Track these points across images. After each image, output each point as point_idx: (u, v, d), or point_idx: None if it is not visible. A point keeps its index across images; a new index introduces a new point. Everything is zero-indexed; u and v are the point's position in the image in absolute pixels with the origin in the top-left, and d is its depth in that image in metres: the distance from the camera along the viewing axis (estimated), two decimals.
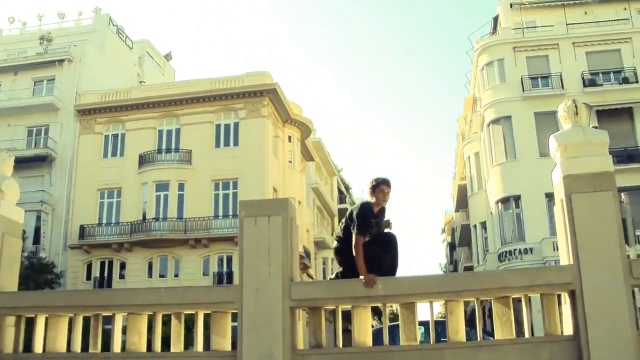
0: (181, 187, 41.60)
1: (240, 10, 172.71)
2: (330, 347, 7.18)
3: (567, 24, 40.60)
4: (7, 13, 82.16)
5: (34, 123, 45.28)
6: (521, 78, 39.56)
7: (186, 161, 42.23)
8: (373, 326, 7.80)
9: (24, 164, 36.49)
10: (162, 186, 41.45)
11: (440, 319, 9.69)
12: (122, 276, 40.96)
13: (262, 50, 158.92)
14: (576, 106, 7.08)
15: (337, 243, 7.57)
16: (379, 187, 7.25)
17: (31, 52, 48.18)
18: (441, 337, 7.31)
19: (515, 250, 37.03)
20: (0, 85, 46.85)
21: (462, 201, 51.55)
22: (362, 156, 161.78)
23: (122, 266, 41.37)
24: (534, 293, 6.90)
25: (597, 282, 6.44)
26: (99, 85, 45.83)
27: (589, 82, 39.09)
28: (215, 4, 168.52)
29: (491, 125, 40.61)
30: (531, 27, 42.68)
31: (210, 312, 7.29)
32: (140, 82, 53.07)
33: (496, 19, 46.06)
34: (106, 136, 44.54)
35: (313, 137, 54.22)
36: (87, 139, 44.11)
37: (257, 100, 42.88)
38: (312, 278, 46.67)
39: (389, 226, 7.69)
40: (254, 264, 6.97)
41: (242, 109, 42.91)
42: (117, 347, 7.47)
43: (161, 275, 40.68)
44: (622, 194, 17.70)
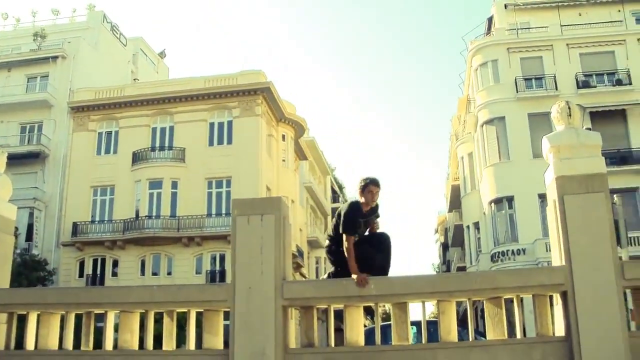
0: (174, 185, 41.56)
1: (240, 10, 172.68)
2: (322, 346, 7.18)
3: (561, 26, 40.70)
4: (1, 9, 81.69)
5: (27, 120, 45.17)
6: (515, 79, 39.64)
7: (180, 159, 42.19)
8: (365, 326, 7.81)
9: (16, 160, 36.37)
10: (156, 184, 41.41)
11: (432, 319, 9.69)
12: (114, 274, 40.90)
13: (262, 50, 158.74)
14: (569, 107, 7.10)
15: (329, 242, 7.58)
16: (368, 188, 7.26)
17: (25, 49, 48.00)
18: (433, 337, 7.31)
19: (508, 251, 37.11)
20: None
21: (456, 201, 51.63)
22: (356, 156, 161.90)
23: (115, 264, 41.31)
24: (526, 294, 6.92)
25: (589, 284, 6.46)
26: (92, 83, 45.74)
27: (583, 83, 39.20)
28: (215, 4, 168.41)
29: (485, 125, 40.67)
30: (525, 28, 42.76)
31: (202, 310, 7.28)
32: (134, 79, 52.99)
33: (491, 19, 46.16)
34: (100, 133, 44.47)
35: (307, 136, 54.27)
36: (80, 136, 44.02)
37: (251, 99, 42.87)
38: (305, 277, 46.70)
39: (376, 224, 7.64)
40: (246, 263, 6.96)
41: (236, 107, 42.88)
42: (109, 344, 7.46)
43: (154, 273, 40.62)
44: (615, 195, 17.80)
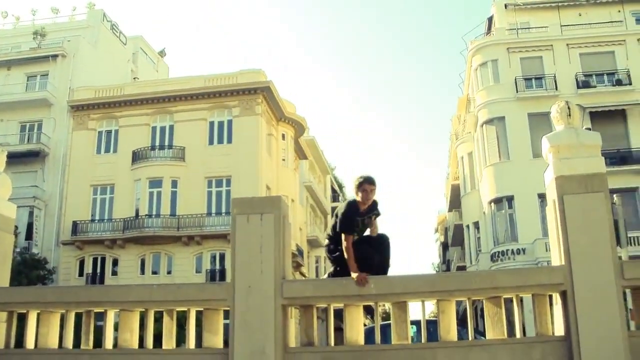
0: (174, 184, 41.57)
1: (240, 10, 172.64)
2: (322, 345, 7.18)
3: (561, 26, 40.70)
4: (1, 7, 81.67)
5: (27, 118, 45.15)
6: (515, 79, 39.64)
7: (179, 158, 42.19)
8: (365, 325, 7.81)
9: (16, 159, 36.40)
10: (155, 183, 41.41)
11: (432, 318, 9.70)
12: (114, 273, 40.92)
13: (262, 50, 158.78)
14: (569, 107, 7.10)
15: (328, 242, 7.57)
16: (362, 187, 7.23)
17: (25, 47, 48.00)
18: (433, 337, 7.32)
19: (507, 250, 37.12)
20: None
21: (455, 201, 51.64)
22: (356, 155, 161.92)
23: (115, 263, 41.33)
24: (526, 293, 6.92)
25: (588, 283, 6.46)
26: (92, 81, 45.73)
27: (583, 83, 39.20)
28: (214, 4, 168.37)
29: (485, 125, 40.67)
30: (525, 28, 42.76)
31: (202, 309, 7.28)
32: (134, 78, 52.99)
33: (491, 19, 46.15)
34: (99, 132, 44.47)
35: (307, 136, 54.25)
36: (80, 134, 44.02)
37: (250, 98, 42.86)
38: (305, 276, 46.71)
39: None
40: (246, 262, 6.96)
41: (235, 106, 42.88)
42: (109, 343, 7.46)
43: (154, 272, 40.63)
44: (614, 195, 17.81)
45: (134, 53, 56.36)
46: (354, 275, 6.84)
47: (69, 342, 7.50)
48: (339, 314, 7.06)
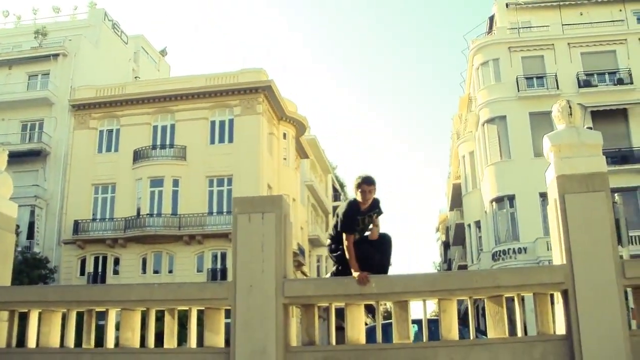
0: (175, 183, 41.56)
1: (240, 10, 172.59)
2: (323, 344, 7.18)
3: (562, 25, 40.66)
4: (2, 7, 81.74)
5: (28, 117, 45.15)
6: (516, 78, 39.62)
7: (181, 157, 42.18)
8: (366, 324, 7.81)
9: (18, 158, 36.42)
10: (157, 182, 41.41)
11: (433, 317, 9.70)
12: (116, 272, 40.93)
13: (262, 49, 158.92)
14: (570, 107, 7.10)
15: (330, 241, 7.58)
16: (361, 187, 7.24)
17: (26, 46, 48.00)
18: (434, 336, 7.32)
19: (509, 249, 37.10)
20: None
21: (457, 200, 51.65)
22: (358, 154, 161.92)
23: (116, 262, 41.34)
24: (527, 292, 6.92)
25: (589, 282, 6.46)
26: (93, 80, 45.74)
27: (584, 82, 39.17)
28: (214, 4, 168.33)
29: (486, 124, 40.66)
30: (527, 27, 42.74)
31: (203, 308, 7.29)
32: (135, 77, 52.97)
33: (492, 18, 46.13)
34: (101, 131, 44.45)
35: (308, 135, 54.22)
36: (81, 134, 44.02)
37: (252, 97, 42.84)
38: (306, 275, 46.73)
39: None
40: (247, 261, 6.96)
41: (237, 105, 42.86)
42: (110, 342, 7.47)
43: (155, 271, 40.62)
44: (616, 194, 17.83)
45: (135, 52, 56.35)
46: (355, 274, 6.85)
47: (70, 342, 7.51)
48: (340, 313, 7.06)
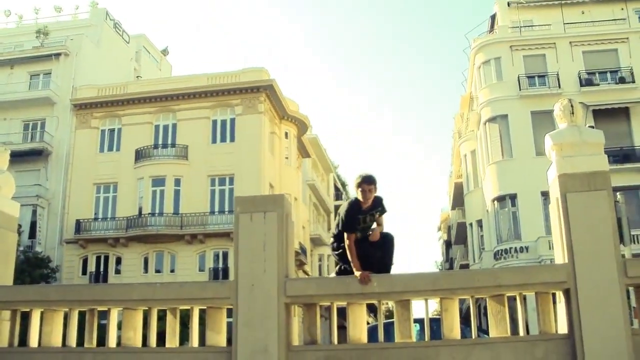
0: (177, 182, 41.56)
1: (240, 10, 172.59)
2: (325, 343, 7.19)
3: (564, 24, 40.60)
4: (4, 6, 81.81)
5: (30, 117, 45.17)
6: (518, 77, 39.57)
7: (182, 156, 42.18)
8: (368, 323, 7.81)
9: (19, 158, 36.49)
10: (158, 181, 41.41)
11: (435, 316, 9.70)
12: (117, 271, 40.93)
13: (262, 49, 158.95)
14: (572, 105, 7.10)
15: (333, 240, 7.59)
16: (361, 187, 7.26)
17: (27, 46, 48.01)
18: (436, 335, 7.32)
19: (511, 248, 37.07)
20: None
21: (459, 199, 51.61)
22: (360, 153, 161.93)
23: (118, 261, 41.34)
24: (529, 291, 6.92)
25: (591, 281, 6.46)
26: (95, 80, 45.74)
27: (586, 81, 39.11)
28: (214, 3, 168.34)
29: (488, 123, 40.61)
30: (528, 26, 42.67)
31: (205, 307, 7.29)
32: (137, 76, 52.97)
33: (494, 17, 46.06)
34: (102, 131, 44.45)
35: (309, 134, 54.19)
36: (83, 133, 44.02)
37: (253, 96, 42.82)
38: (308, 275, 46.71)
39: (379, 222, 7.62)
40: (249, 260, 6.97)
41: (238, 104, 42.85)
42: (112, 342, 7.48)
43: (157, 271, 40.63)
44: (617, 193, 17.79)
45: (137, 52, 56.35)
46: (357, 273, 6.85)
47: (72, 341, 7.52)
48: (342, 312, 7.06)
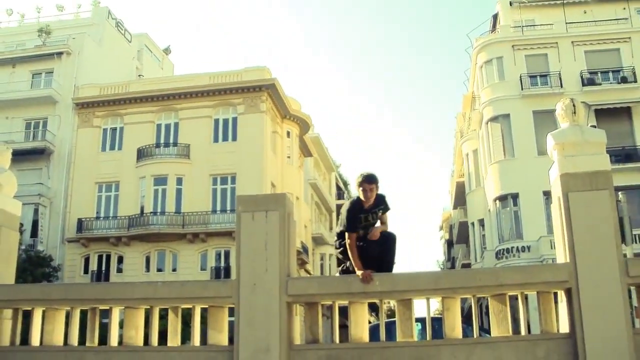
0: (179, 181, 41.57)
1: (242, 9, 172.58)
2: (326, 342, 7.19)
3: (566, 23, 40.57)
4: (6, 5, 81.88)
5: (32, 116, 45.20)
6: (520, 76, 39.54)
7: (184, 155, 42.19)
8: (370, 322, 7.82)
9: (21, 156, 36.51)
10: (160, 180, 41.42)
11: (437, 315, 9.70)
12: (119, 270, 40.94)
13: (263, 49, 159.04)
14: (574, 105, 7.09)
15: (336, 239, 7.61)
16: (362, 186, 7.27)
17: (29, 45, 48.03)
18: (438, 334, 7.32)
19: (512, 248, 37.06)
20: None
21: (460, 198, 51.59)
22: (362, 152, 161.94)
23: (120, 260, 41.35)
24: (531, 291, 6.92)
25: (593, 281, 6.46)
26: (97, 79, 45.75)
27: (588, 81, 39.08)
28: (216, 3, 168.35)
29: (490, 123, 40.59)
30: (530, 26, 42.64)
31: (207, 306, 7.29)
32: (139, 75, 52.95)
33: (496, 17, 46.02)
34: (104, 130, 44.47)
35: (311, 133, 54.18)
36: (85, 132, 44.04)
37: (255, 96, 42.82)
38: (310, 274, 46.70)
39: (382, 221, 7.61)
40: (251, 259, 6.97)
41: (240, 104, 42.85)
42: (114, 340, 7.48)
43: (159, 270, 40.66)
44: (619, 193, 17.78)
45: (139, 50, 56.33)
46: (358, 272, 6.86)
47: (74, 340, 7.52)
48: (343, 312, 7.06)
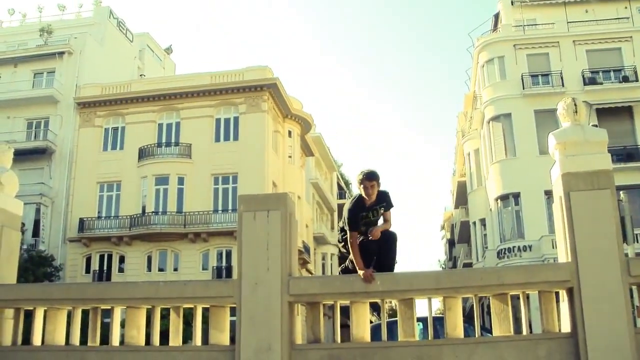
0: (181, 181, 41.58)
1: (242, 9, 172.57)
2: (328, 342, 7.19)
3: (567, 22, 40.54)
4: (7, 4, 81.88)
5: (33, 115, 45.22)
6: (521, 75, 39.52)
7: (186, 155, 42.20)
8: (372, 322, 7.81)
9: (23, 156, 36.51)
10: (162, 180, 41.43)
11: (438, 315, 9.69)
12: (121, 270, 40.96)
13: (265, 48, 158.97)
14: (575, 104, 7.09)
15: (340, 235, 7.64)
16: (362, 183, 7.28)
17: (31, 44, 48.06)
18: (439, 334, 7.32)
19: (514, 247, 37.05)
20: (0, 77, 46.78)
21: (462, 198, 51.56)
22: (363, 151, 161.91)
23: (122, 260, 41.37)
24: (532, 290, 6.92)
25: (595, 280, 6.46)
26: (99, 78, 45.76)
27: (589, 80, 39.05)
28: (216, 3, 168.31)
29: (491, 122, 40.58)
30: (532, 25, 42.61)
31: (208, 306, 7.30)
32: (141, 75, 52.97)
33: (497, 16, 46.00)
34: (106, 129, 44.49)
35: (313, 132, 54.17)
36: (86, 131, 44.05)
37: (257, 95, 42.82)
38: (312, 273, 46.71)
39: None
40: (252, 259, 6.97)
41: (242, 103, 42.86)
42: (115, 340, 7.49)
43: (160, 269, 40.69)
44: (621, 192, 17.77)
45: (141, 50, 56.34)
46: (360, 272, 6.86)
47: (75, 339, 7.53)
48: (345, 311, 7.06)
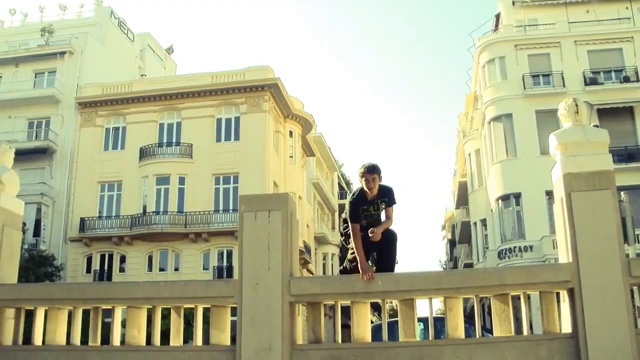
0: (182, 180, 41.58)
1: (242, 10, 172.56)
2: (329, 342, 7.19)
3: (569, 23, 40.54)
4: (9, 4, 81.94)
5: (34, 115, 45.24)
6: (522, 76, 39.50)
7: (187, 155, 42.20)
8: (372, 322, 7.82)
9: (24, 156, 36.51)
10: (163, 180, 41.44)
11: (439, 315, 9.69)
12: (122, 269, 40.97)
13: (265, 49, 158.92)
14: (576, 105, 7.09)
15: (343, 223, 7.68)
16: (364, 177, 7.32)
17: (32, 44, 48.08)
18: (440, 334, 7.32)
19: (515, 247, 37.04)
20: (1, 77, 46.79)
21: (463, 198, 51.55)
22: (364, 151, 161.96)
23: (122, 259, 41.38)
24: (533, 291, 6.92)
25: (595, 281, 6.45)
26: (100, 78, 45.77)
27: (590, 80, 39.03)
28: (217, 3, 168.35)
29: (492, 122, 40.57)
30: (533, 25, 42.61)
31: (209, 306, 7.30)
32: (142, 75, 52.99)
33: (498, 16, 45.99)
34: (107, 129, 44.50)
35: (314, 132, 54.17)
36: (87, 131, 44.07)
37: (258, 95, 42.82)
38: (312, 273, 46.70)
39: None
40: (253, 259, 6.97)
41: (243, 103, 42.86)
42: (116, 340, 7.49)
43: (161, 269, 40.70)
44: (622, 192, 17.73)
45: (142, 50, 56.39)
46: (360, 265, 6.88)
47: (76, 339, 7.53)
48: (346, 311, 7.06)
